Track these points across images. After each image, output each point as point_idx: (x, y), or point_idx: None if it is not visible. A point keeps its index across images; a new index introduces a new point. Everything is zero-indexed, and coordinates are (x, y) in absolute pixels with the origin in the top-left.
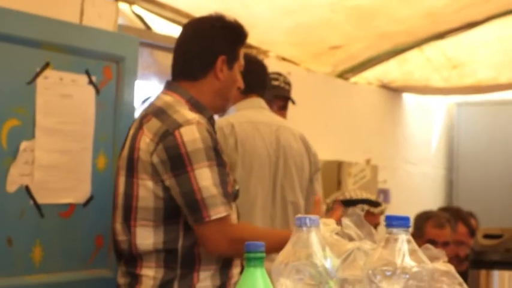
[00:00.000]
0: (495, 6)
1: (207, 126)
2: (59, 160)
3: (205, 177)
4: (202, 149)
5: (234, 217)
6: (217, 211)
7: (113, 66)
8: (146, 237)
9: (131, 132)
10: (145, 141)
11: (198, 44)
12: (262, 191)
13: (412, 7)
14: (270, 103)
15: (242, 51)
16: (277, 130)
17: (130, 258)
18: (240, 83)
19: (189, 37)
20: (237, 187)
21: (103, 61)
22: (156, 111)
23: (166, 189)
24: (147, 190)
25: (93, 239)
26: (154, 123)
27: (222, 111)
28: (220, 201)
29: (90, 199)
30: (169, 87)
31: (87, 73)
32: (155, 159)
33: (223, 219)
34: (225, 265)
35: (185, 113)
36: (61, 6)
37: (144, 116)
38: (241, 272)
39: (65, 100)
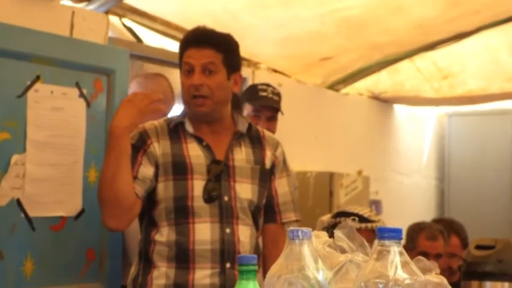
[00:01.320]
0: (484, 17)
1: (149, 129)
2: (50, 173)
3: None
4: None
5: (205, 219)
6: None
7: (103, 79)
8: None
9: None
10: None
11: None
12: None
13: (402, 18)
14: (257, 113)
15: (189, 53)
16: None
17: None
18: (191, 81)
19: None
20: (209, 193)
21: (93, 74)
22: None
23: None
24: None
25: (84, 252)
26: None
27: (191, 114)
28: None
29: (81, 212)
30: None
31: (78, 86)
32: None
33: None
34: (180, 263)
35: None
36: (51, 20)
37: None
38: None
39: (55, 113)
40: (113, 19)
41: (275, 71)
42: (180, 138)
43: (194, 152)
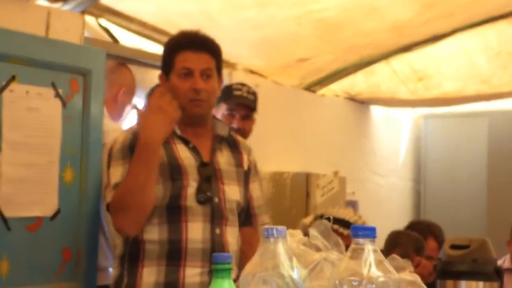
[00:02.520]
0: (460, 19)
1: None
2: (26, 173)
3: (115, 172)
4: (119, 149)
5: (198, 218)
6: (107, 199)
7: (79, 79)
8: (116, 238)
9: None
10: None
11: None
12: None
13: (378, 20)
14: (232, 112)
15: (182, 56)
16: None
17: None
18: (193, 85)
19: None
20: (203, 194)
21: (69, 74)
22: None
23: None
24: None
25: (60, 252)
26: None
27: (186, 117)
28: (111, 190)
29: (57, 212)
30: None
31: (54, 86)
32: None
33: (112, 201)
34: (171, 262)
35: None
36: (27, 19)
37: None
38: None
39: (31, 113)
40: (89, 19)
41: (252, 72)
42: (168, 139)
43: (184, 154)
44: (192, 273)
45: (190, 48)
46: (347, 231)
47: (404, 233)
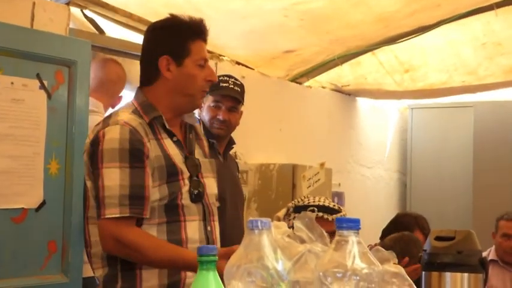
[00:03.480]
0: (446, 11)
1: (135, 128)
2: (11, 165)
3: (112, 177)
4: (116, 150)
5: (195, 217)
6: (111, 211)
7: (64, 71)
8: (95, 235)
9: None
10: (86, 142)
11: (144, 50)
12: None
13: (364, 12)
14: (218, 104)
15: (199, 44)
16: None
17: (90, 261)
18: (209, 76)
19: (142, 45)
20: (201, 188)
21: (54, 65)
22: (107, 115)
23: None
24: (88, 189)
25: (45, 244)
26: (97, 126)
27: (191, 108)
28: (118, 202)
29: (42, 204)
30: (134, 93)
31: (39, 77)
32: (85, 157)
33: (117, 220)
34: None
35: (121, 115)
36: (11, 10)
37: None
38: None
39: (16, 105)
40: (74, 10)
41: (238, 63)
42: (157, 135)
43: (173, 151)
44: (192, 273)
45: (203, 38)
46: (332, 216)
47: (413, 242)
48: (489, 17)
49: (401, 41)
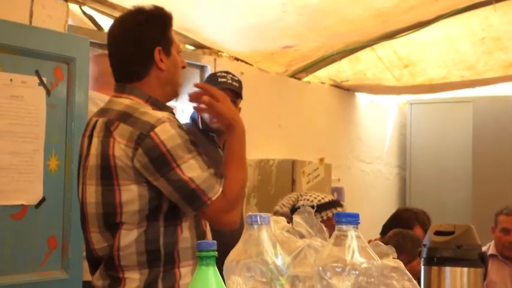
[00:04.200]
0: (444, 6)
1: (177, 121)
2: (10, 162)
3: (193, 168)
4: (181, 144)
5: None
6: (215, 191)
7: (63, 67)
8: (129, 240)
9: (96, 140)
10: (120, 147)
11: (131, 45)
12: None
13: (362, 7)
14: None
15: (171, 33)
16: None
17: (111, 262)
18: (183, 63)
19: (120, 40)
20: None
21: (53, 62)
22: (121, 116)
23: (151, 189)
24: (131, 194)
25: (46, 240)
26: (124, 129)
27: (174, 96)
28: (214, 181)
29: (42, 200)
30: (122, 90)
31: (38, 74)
32: (137, 163)
33: (222, 194)
34: None
35: (152, 113)
36: (10, 7)
37: (110, 123)
38: None
39: (15, 101)
40: (73, 7)
41: (237, 59)
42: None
43: None
44: None
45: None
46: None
47: (410, 237)
48: (487, 12)
49: (400, 36)
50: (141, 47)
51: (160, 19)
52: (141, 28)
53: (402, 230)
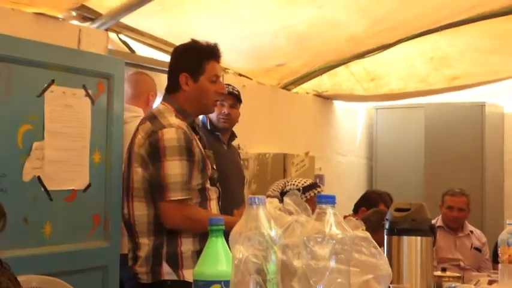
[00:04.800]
0: (402, 32)
1: (186, 130)
2: (64, 156)
3: (174, 168)
4: (176, 147)
5: (214, 197)
6: (177, 194)
7: (104, 82)
8: (141, 210)
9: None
10: (139, 138)
11: (170, 66)
12: None
13: (339, 33)
14: (222, 102)
15: (212, 64)
16: None
17: (132, 229)
18: (220, 90)
19: (169, 62)
20: (216, 175)
21: (97, 78)
22: (150, 116)
23: (149, 173)
24: (138, 174)
25: (91, 217)
26: (147, 125)
27: (205, 112)
28: (181, 187)
29: (88, 186)
30: (163, 98)
31: (84, 88)
32: (143, 151)
33: (181, 201)
34: (202, 235)
35: (170, 118)
36: (63, 36)
37: (142, 121)
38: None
39: (67, 109)
40: (112, 35)
41: (240, 74)
42: (194, 134)
43: (200, 146)
44: None
45: (217, 58)
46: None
47: (376, 212)
48: (435, 37)
49: (368, 56)
50: (172, 69)
51: (196, 51)
52: (177, 55)
53: (380, 209)
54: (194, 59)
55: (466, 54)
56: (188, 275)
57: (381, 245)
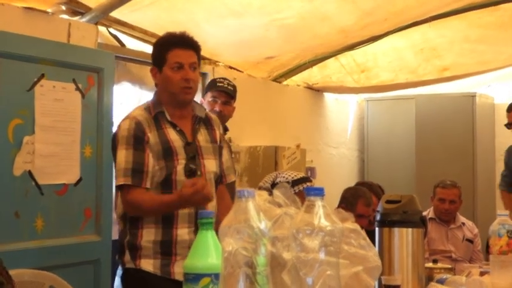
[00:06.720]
0: (392, 24)
1: (140, 120)
2: (54, 150)
3: (121, 155)
4: (125, 136)
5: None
6: (119, 180)
7: (94, 76)
8: (117, 199)
9: None
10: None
11: None
12: None
13: (328, 25)
14: (215, 98)
15: (175, 53)
16: None
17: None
18: (183, 76)
19: None
20: (188, 169)
21: (87, 72)
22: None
23: None
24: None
25: (83, 211)
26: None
27: (177, 101)
28: (123, 173)
29: (79, 180)
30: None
31: (74, 81)
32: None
33: (123, 186)
34: (166, 225)
35: (133, 112)
36: (52, 30)
37: None
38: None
39: (57, 103)
40: (101, 28)
41: (231, 67)
42: (161, 125)
43: (173, 137)
44: (182, 232)
45: (179, 46)
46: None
47: (354, 190)
48: (425, 28)
49: (358, 48)
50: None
51: (159, 43)
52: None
53: (353, 186)
54: (157, 51)
55: (455, 44)
56: (145, 264)
57: (362, 216)
